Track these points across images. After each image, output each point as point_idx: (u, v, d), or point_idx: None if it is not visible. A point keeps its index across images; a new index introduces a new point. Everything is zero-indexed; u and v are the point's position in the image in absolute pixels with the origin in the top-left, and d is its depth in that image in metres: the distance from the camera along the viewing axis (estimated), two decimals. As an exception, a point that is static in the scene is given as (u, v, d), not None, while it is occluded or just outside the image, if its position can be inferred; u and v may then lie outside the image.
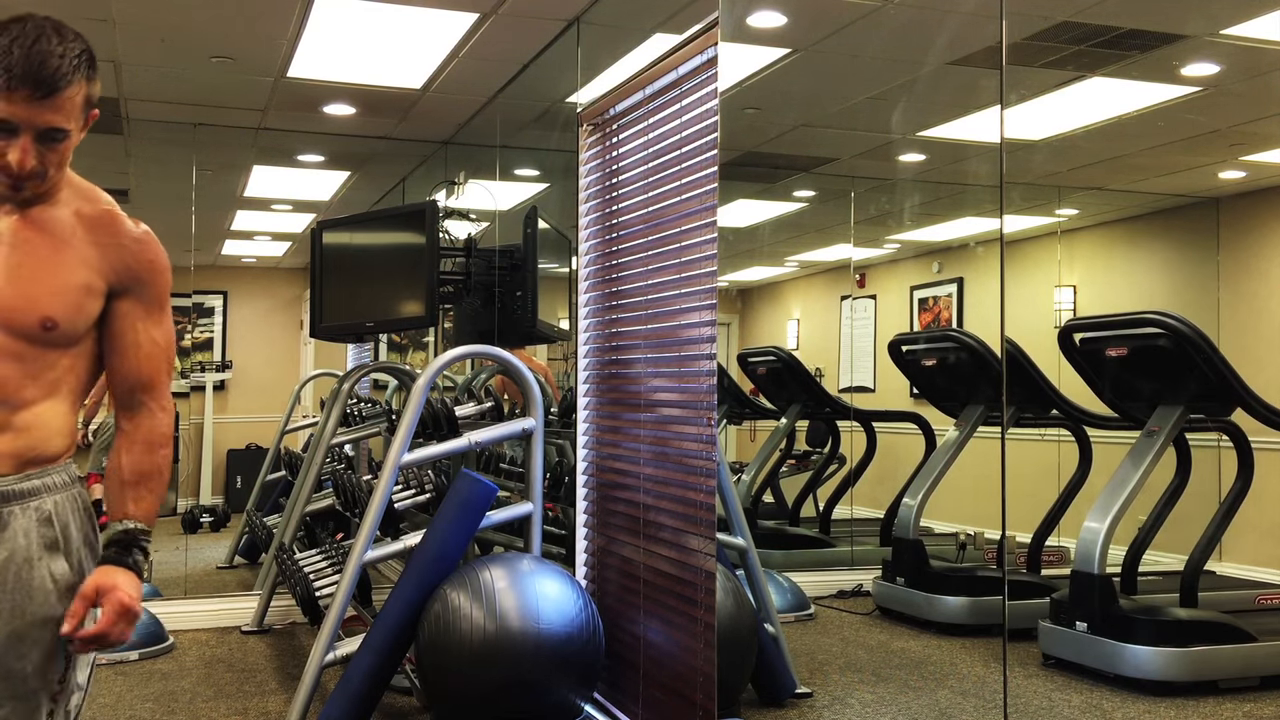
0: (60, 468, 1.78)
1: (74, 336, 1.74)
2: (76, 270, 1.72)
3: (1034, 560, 5.83)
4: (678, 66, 3.46)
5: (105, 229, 1.77)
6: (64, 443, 1.78)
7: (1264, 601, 5.53)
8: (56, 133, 1.68)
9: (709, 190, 3.29)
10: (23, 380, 1.69)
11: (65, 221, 1.74)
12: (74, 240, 1.74)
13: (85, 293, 1.73)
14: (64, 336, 1.72)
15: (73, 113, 1.70)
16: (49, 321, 1.69)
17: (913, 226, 8.51)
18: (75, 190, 1.78)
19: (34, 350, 1.70)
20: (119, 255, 1.77)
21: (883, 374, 8.43)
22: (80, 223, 1.75)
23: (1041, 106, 5.52)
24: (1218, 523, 5.02)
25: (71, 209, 1.76)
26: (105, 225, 1.77)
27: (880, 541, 6.90)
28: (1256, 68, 4.95)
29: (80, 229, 1.75)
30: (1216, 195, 7.21)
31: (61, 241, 1.73)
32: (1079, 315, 6.99)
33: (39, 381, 1.71)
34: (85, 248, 1.74)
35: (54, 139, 1.68)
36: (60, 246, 1.73)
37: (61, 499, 1.77)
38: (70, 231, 1.74)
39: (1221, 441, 5.35)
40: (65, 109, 1.68)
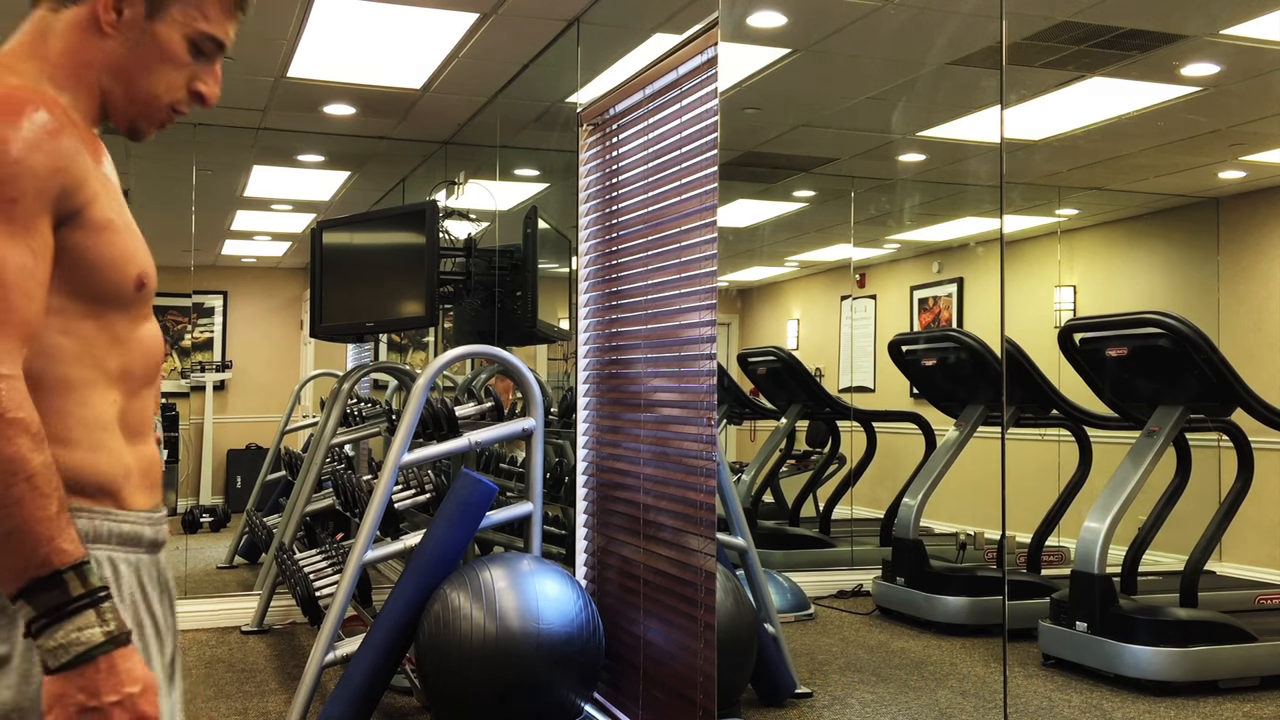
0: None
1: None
2: None
3: (1034, 560, 5.83)
4: (678, 66, 3.46)
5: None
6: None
7: (1264, 601, 5.53)
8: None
9: (709, 190, 3.29)
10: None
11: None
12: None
13: None
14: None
15: None
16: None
17: (913, 226, 8.51)
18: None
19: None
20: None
21: (883, 374, 8.43)
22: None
23: (1041, 106, 5.52)
24: (1218, 523, 5.02)
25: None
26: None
27: (880, 541, 6.90)
28: (1256, 68, 4.95)
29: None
30: (1216, 195, 7.21)
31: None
32: (1079, 315, 6.99)
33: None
34: None
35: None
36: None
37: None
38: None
39: (1221, 441, 5.36)
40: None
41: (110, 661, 1.10)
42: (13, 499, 1.08)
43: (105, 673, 1.10)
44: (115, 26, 1.29)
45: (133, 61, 1.31)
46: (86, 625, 1.10)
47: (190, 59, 1.34)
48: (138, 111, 1.35)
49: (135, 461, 1.32)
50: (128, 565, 1.28)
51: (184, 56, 1.34)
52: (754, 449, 8.43)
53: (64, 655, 1.09)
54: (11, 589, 1.10)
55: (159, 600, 1.33)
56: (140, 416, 1.35)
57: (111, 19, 1.29)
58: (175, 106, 1.37)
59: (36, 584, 1.09)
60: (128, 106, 1.34)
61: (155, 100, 1.35)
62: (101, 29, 1.29)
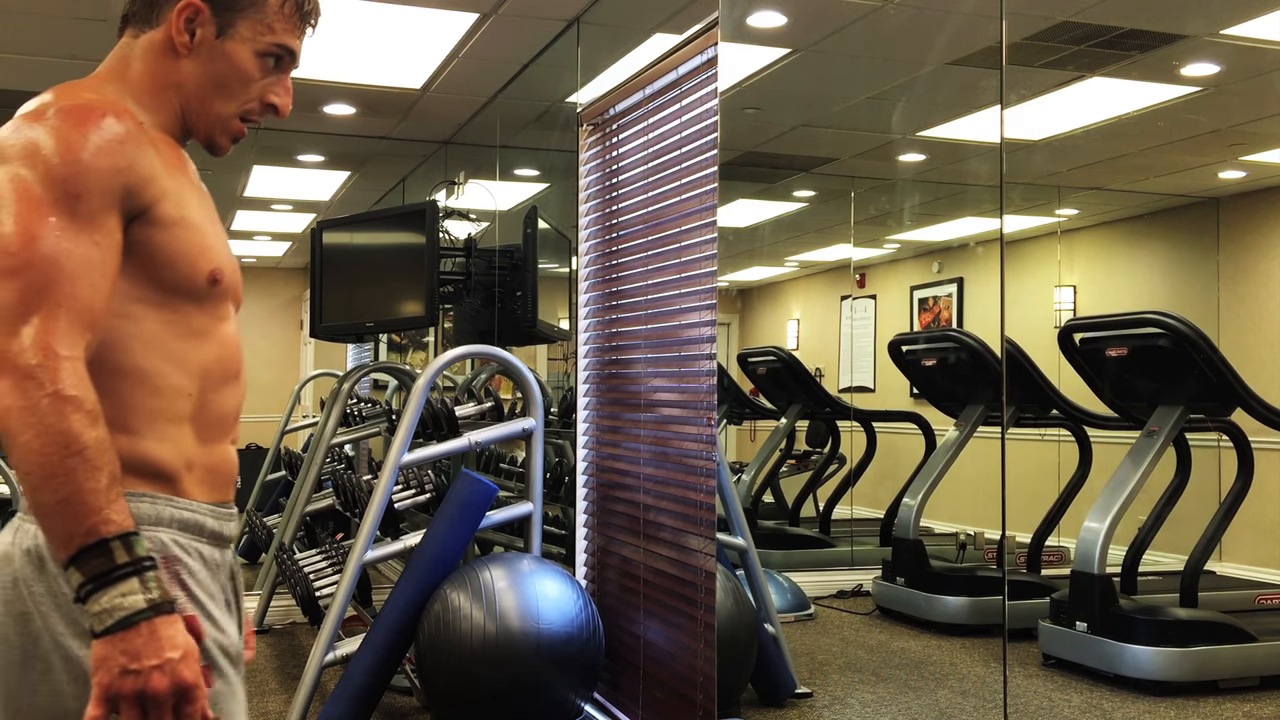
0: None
1: None
2: None
3: (1034, 560, 5.83)
4: (678, 66, 3.46)
5: None
6: None
7: (1264, 601, 5.53)
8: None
9: (709, 190, 3.29)
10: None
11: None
12: None
13: None
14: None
15: None
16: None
17: (913, 226, 8.51)
18: None
19: None
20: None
21: (883, 374, 8.43)
22: None
23: (1041, 106, 5.52)
24: (1218, 523, 5.02)
25: None
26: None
27: (880, 541, 6.90)
28: (1256, 68, 4.95)
29: None
30: (1216, 195, 7.21)
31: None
32: (1079, 315, 6.99)
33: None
34: None
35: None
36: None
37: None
38: None
39: (1221, 441, 5.35)
40: None
41: (152, 627, 1.16)
42: (65, 470, 1.15)
43: (147, 637, 1.15)
44: (189, 48, 1.39)
45: (206, 79, 1.41)
46: (130, 591, 1.15)
47: (261, 74, 1.43)
48: (213, 126, 1.44)
49: (203, 458, 1.38)
50: (186, 551, 1.34)
51: (255, 72, 1.42)
52: (754, 449, 8.43)
53: (108, 619, 1.14)
54: (62, 555, 1.17)
55: (220, 590, 1.40)
56: (217, 414, 1.40)
57: (185, 40, 1.39)
58: (247, 117, 1.46)
59: (84, 551, 1.15)
60: (204, 122, 1.43)
61: (228, 114, 1.44)
62: (177, 50, 1.39)
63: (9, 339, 1.18)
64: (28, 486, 1.17)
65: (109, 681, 1.14)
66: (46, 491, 1.15)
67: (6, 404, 1.16)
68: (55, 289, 1.20)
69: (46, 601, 1.25)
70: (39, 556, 1.26)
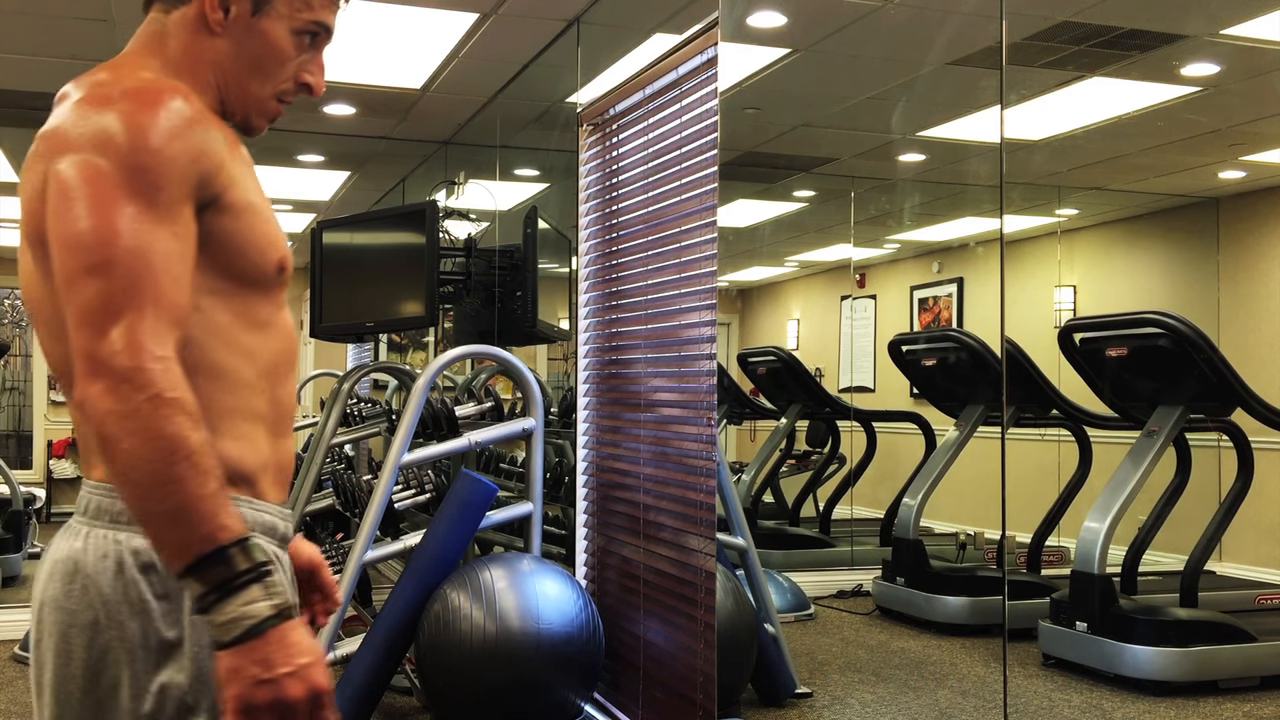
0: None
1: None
2: None
3: (1034, 560, 5.83)
4: (678, 66, 3.46)
5: None
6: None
7: (1264, 601, 5.52)
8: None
9: (709, 190, 3.29)
10: None
11: None
12: None
13: None
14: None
15: None
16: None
17: (913, 226, 8.51)
18: None
19: None
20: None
21: (883, 374, 8.43)
22: None
23: (1041, 106, 5.52)
24: (1218, 523, 5.02)
25: None
26: None
27: (880, 541, 6.89)
28: (1256, 68, 4.95)
29: None
30: (1216, 195, 7.21)
31: None
32: (1079, 315, 6.99)
33: None
34: None
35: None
36: None
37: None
38: None
39: (1221, 441, 5.35)
40: None
41: (280, 634, 1.11)
42: (174, 477, 1.09)
43: (276, 645, 1.11)
44: (223, 25, 1.31)
45: (242, 59, 1.33)
46: (254, 599, 1.10)
47: (297, 52, 1.35)
48: (250, 107, 1.36)
49: (274, 456, 1.33)
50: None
51: (291, 51, 1.35)
52: (754, 449, 8.43)
53: (235, 630, 1.10)
54: (178, 566, 1.11)
55: (292, 594, 1.34)
56: (283, 409, 1.35)
57: (219, 17, 1.30)
58: (282, 98, 1.38)
59: (202, 560, 1.10)
60: (241, 103, 1.35)
61: (264, 95, 1.36)
62: (210, 28, 1.31)
63: (98, 340, 1.10)
64: (132, 495, 1.11)
65: (243, 693, 1.10)
66: (155, 500, 1.09)
67: (104, 409, 1.09)
68: (142, 286, 1.13)
69: (123, 610, 1.19)
70: (117, 563, 1.20)
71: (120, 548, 1.20)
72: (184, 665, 1.20)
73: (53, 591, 1.23)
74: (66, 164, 1.17)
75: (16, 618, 5.31)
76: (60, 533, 1.27)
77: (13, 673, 4.73)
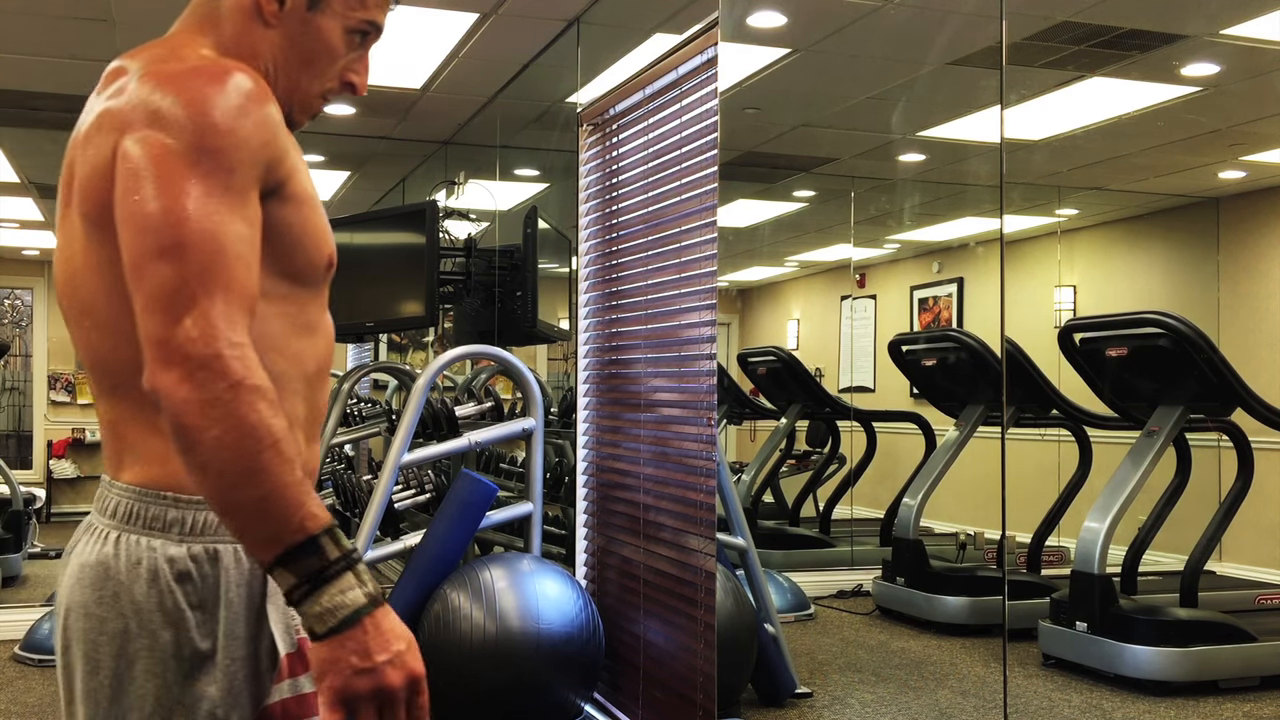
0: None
1: None
2: None
3: (1034, 560, 5.83)
4: (678, 66, 3.46)
5: None
6: None
7: (1264, 601, 5.52)
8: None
9: (709, 190, 3.29)
10: None
11: None
12: None
13: None
14: None
15: None
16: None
17: (913, 226, 8.51)
18: None
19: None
20: None
21: (883, 374, 8.43)
22: None
23: (1041, 106, 5.52)
24: (1218, 523, 5.02)
25: None
26: None
27: (880, 541, 6.89)
28: (1256, 68, 4.95)
29: None
30: (1216, 195, 7.21)
31: None
32: (1079, 315, 6.99)
33: None
34: None
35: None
36: None
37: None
38: None
39: (1221, 441, 5.35)
40: None
41: (374, 621, 1.08)
42: (261, 465, 1.05)
43: (373, 633, 1.08)
44: (277, 16, 1.28)
45: (293, 52, 1.30)
46: (348, 587, 1.07)
47: (346, 50, 1.33)
48: (296, 101, 1.33)
49: (308, 461, 1.29)
50: None
51: (341, 48, 1.32)
52: (754, 449, 8.43)
53: (330, 620, 1.07)
54: (268, 556, 1.07)
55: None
56: (318, 413, 1.32)
57: (274, 9, 1.28)
58: (327, 95, 1.36)
59: (293, 550, 1.07)
60: (287, 95, 1.31)
61: (311, 90, 1.33)
62: (265, 18, 1.28)
63: (172, 327, 1.05)
64: (216, 486, 1.06)
65: (342, 684, 1.07)
66: (244, 490, 1.05)
67: (181, 397, 1.04)
68: (216, 270, 1.08)
69: (156, 619, 1.16)
70: (151, 570, 1.16)
71: (155, 555, 1.17)
72: (216, 678, 1.17)
73: (80, 597, 1.19)
74: (135, 143, 1.12)
75: (17, 618, 5.31)
76: (82, 535, 1.23)
77: (13, 673, 4.73)
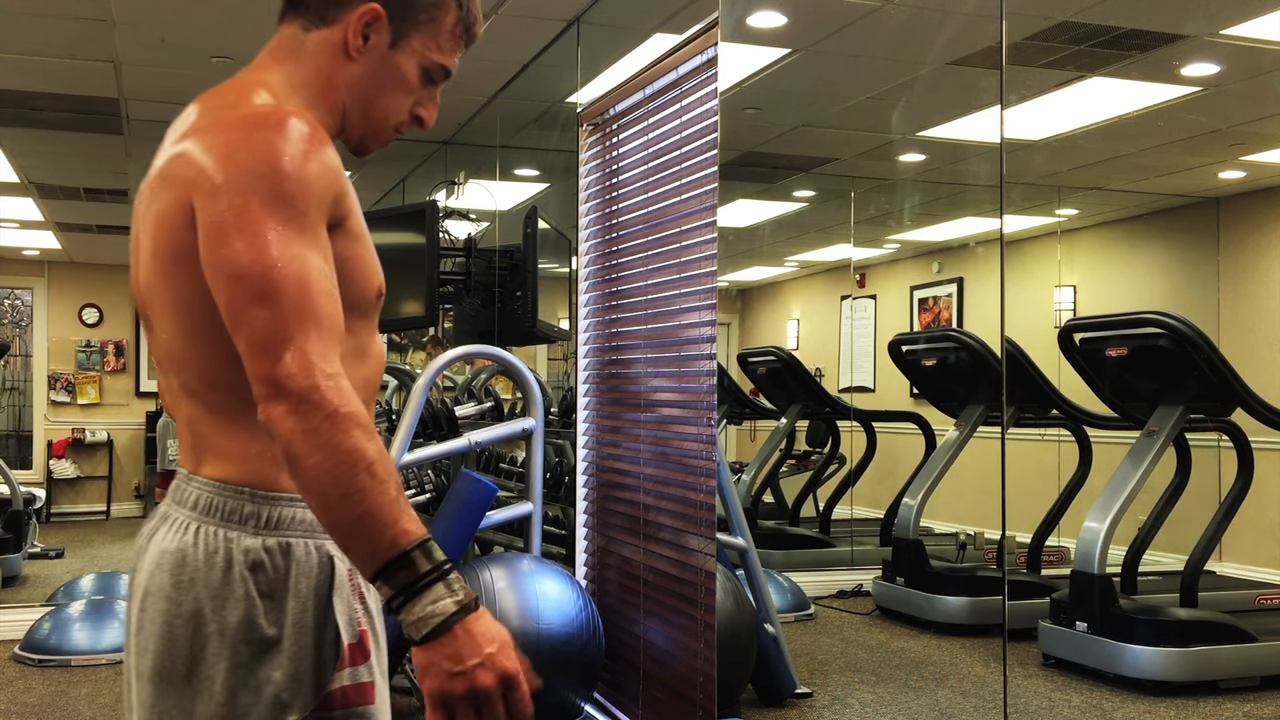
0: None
1: None
2: None
3: (1034, 560, 5.83)
4: (678, 66, 3.46)
5: None
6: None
7: (1264, 601, 5.53)
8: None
9: (709, 190, 3.29)
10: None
11: None
12: None
13: None
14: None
15: None
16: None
17: (913, 226, 8.51)
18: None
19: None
20: None
21: (883, 374, 8.43)
22: None
23: (1041, 106, 5.52)
24: (1218, 523, 5.02)
25: None
26: None
27: (880, 541, 6.90)
28: (1256, 68, 4.95)
29: None
30: (1216, 195, 7.21)
31: None
32: (1079, 315, 6.99)
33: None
34: None
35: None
36: None
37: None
38: None
39: (1221, 441, 5.35)
40: None
41: (465, 627, 1.18)
42: (357, 488, 1.16)
43: (464, 638, 1.18)
44: (360, 52, 1.37)
45: (372, 85, 1.39)
46: (439, 598, 1.17)
47: (420, 86, 1.42)
48: (369, 131, 1.43)
49: None
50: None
51: (416, 84, 1.41)
52: (754, 449, 8.43)
53: (424, 628, 1.17)
54: (368, 571, 1.18)
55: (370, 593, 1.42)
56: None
57: (359, 44, 1.37)
58: (398, 127, 1.45)
59: (389, 565, 1.17)
60: (361, 126, 1.42)
61: (385, 122, 1.43)
62: (349, 53, 1.37)
63: (274, 365, 1.17)
64: (320, 506, 1.18)
65: (438, 687, 1.18)
66: (343, 511, 1.16)
67: (288, 428, 1.16)
68: (305, 309, 1.19)
69: (229, 605, 1.25)
70: (226, 559, 1.26)
71: (230, 546, 1.26)
72: (282, 663, 1.25)
73: (159, 581, 1.27)
74: (212, 198, 1.21)
75: (17, 618, 5.31)
76: (160, 524, 1.32)
77: (13, 673, 4.74)
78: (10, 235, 9.06)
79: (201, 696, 1.25)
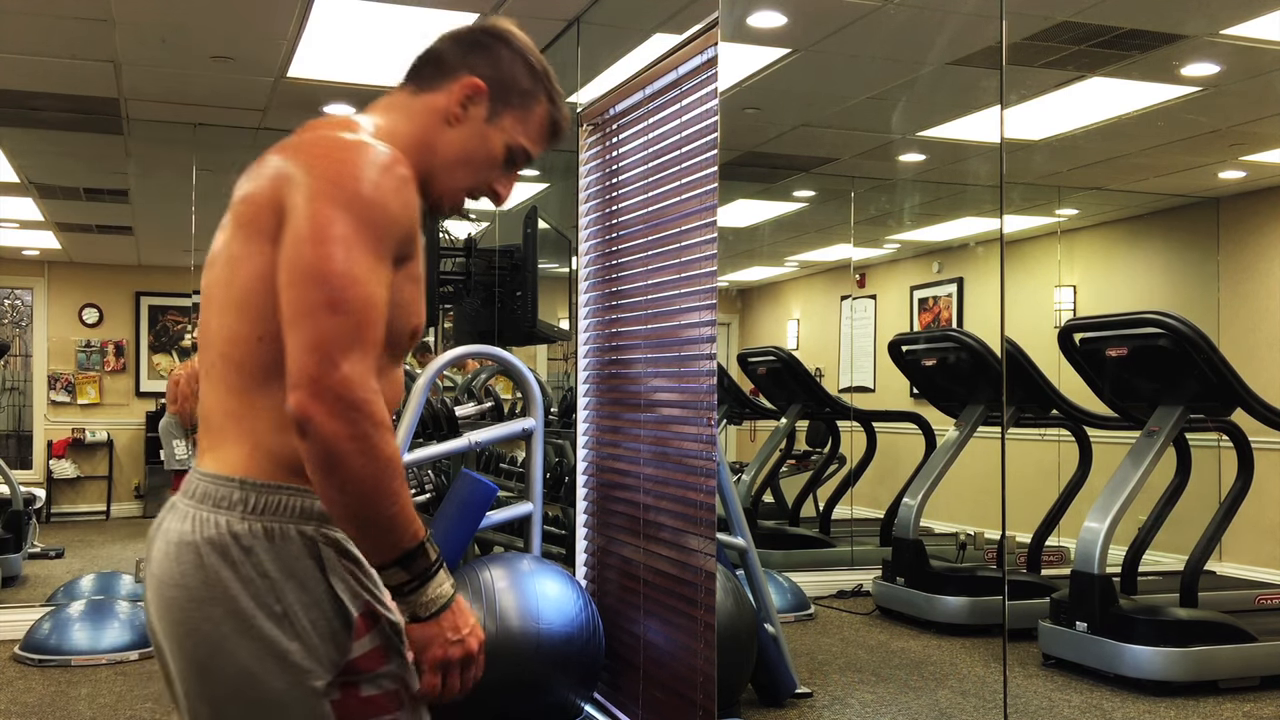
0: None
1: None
2: None
3: (1034, 560, 5.83)
4: (678, 66, 3.46)
5: None
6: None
7: (1264, 601, 5.53)
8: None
9: (709, 190, 3.29)
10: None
11: None
12: None
13: None
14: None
15: None
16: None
17: (913, 226, 8.51)
18: None
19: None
20: None
21: (883, 374, 8.43)
22: None
23: (1041, 106, 5.52)
24: (1218, 523, 5.02)
25: None
26: None
27: (880, 541, 6.89)
28: (1256, 68, 4.95)
29: None
30: (1216, 195, 7.21)
31: None
32: (1079, 315, 6.99)
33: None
34: None
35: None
36: None
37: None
38: None
39: (1221, 441, 5.35)
40: None
41: (457, 604, 1.41)
42: (395, 489, 1.32)
43: (458, 613, 1.41)
44: (459, 120, 1.51)
45: (462, 152, 1.52)
46: (443, 581, 1.39)
47: (502, 162, 1.55)
48: (447, 192, 1.54)
49: None
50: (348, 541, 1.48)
51: (500, 159, 1.55)
52: (754, 449, 8.43)
53: (433, 606, 1.38)
54: (386, 559, 1.35)
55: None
56: None
57: (458, 113, 1.51)
58: (473, 194, 1.57)
59: (409, 554, 1.35)
60: (441, 186, 1.53)
61: (464, 185, 1.55)
62: (449, 119, 1.51)
63: (331, 369, 1.28)
64: (352, 502, 1.30)
65: (443, 653, 1.40)
66: (381, 508, 1.31)
67: (332, 430, 1.28)
68: (367, 329, 1.32)
69: (234, 585, 1.34)
70: (222, 545, 1.35)
71: (222, 530, 1.36)
72: (296, 633, 1.35)
73: (165, 568, 1.39)
74: (308, 199, 1.33)
75: (17, 618, 5.31)
76: (167, 514, 1.43)
77: (13, 673, 4.74)
78: (10, 235, 9.06)
79: (227, 674, 1.35)
